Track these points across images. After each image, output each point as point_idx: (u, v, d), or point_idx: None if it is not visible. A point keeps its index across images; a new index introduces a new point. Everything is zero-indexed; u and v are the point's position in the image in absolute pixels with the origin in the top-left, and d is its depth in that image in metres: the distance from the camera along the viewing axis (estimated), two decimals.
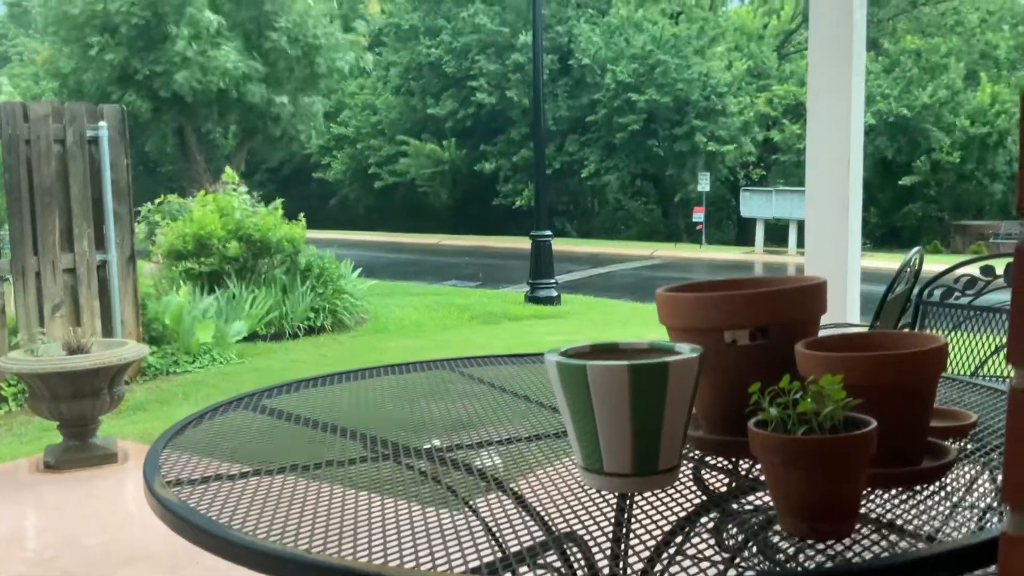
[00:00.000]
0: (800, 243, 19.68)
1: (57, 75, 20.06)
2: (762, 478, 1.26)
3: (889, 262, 17.48)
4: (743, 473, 1.38)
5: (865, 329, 2.86)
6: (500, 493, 1.33)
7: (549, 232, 12.26)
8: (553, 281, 12.10)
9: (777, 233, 21.44)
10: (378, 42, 31.17)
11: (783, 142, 24.14)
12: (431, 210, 30.43)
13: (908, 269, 2.59)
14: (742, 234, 24.65)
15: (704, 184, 21.16)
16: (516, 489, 1.34)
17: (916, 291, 2.67)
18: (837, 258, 4.21)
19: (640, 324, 9.61)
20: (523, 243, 20.40)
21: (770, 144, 24.81)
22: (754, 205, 20.34)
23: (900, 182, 22.44)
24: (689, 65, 23.38)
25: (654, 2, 24.95)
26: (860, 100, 4.04)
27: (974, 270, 2.48)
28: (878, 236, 23.27)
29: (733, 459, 1.41)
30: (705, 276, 17.09)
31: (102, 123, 6.51)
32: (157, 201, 10.62)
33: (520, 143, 26.40)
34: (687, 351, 1.23)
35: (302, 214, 9.99)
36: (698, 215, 21.16)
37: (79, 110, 6.50)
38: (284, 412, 1.83)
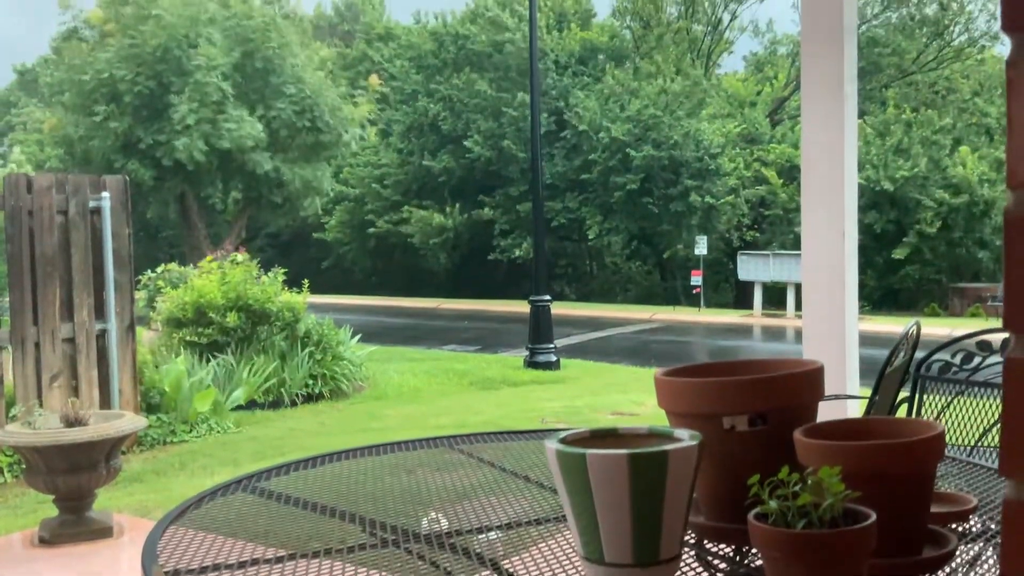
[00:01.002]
0: (799, 306, 19.73)
1: (63, 143, 20.33)
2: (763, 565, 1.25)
3: (887, 325, 17.48)
4: (744, 560, 1.37)
5: (864, 399, 2.85)
6: None
7: (548, 297, 12.30)
8: (552, 346, 12.09)
9: (775, 296, 21.51)
10: (381, 100, 31.71)
11: (777, 203, 24.37)
12: (430, 273, 30.55)
13: (906, 342, 2.60)
14: (740, 297, 24.71)
15: (701, 248, 21.29)
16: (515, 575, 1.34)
17: (914, 363, 2.68)
18: (835, 323, 4.22)
19: (639, 389, 9.58)
20: (522, 307, 20.44)
21: (764, 205, 25.05)
22: (752, 269, 20.44)
23: (894, 250, 22.60)
24: (682, 125, 23.74)
25: (649, 75, 25.43)
26: (853, 167, 4.10)
27: (971, 344, 2.49)
28: (876, 299, 23.33)
29: (734, 546, 1.40)
30: (704, 339, 17.14)
31: (105, 194, 6.59)
32: (158, 269, 10.67)
33: (518, 199, 26.67)
34: (686, 438, 1.23)
35: (306, 282, 10.04)
36: (696, 278, 21.25)
37: (82, 181, 6.58)
38: (283, 495, 1.82)
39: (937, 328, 17.40)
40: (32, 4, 76.56)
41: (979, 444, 2.64)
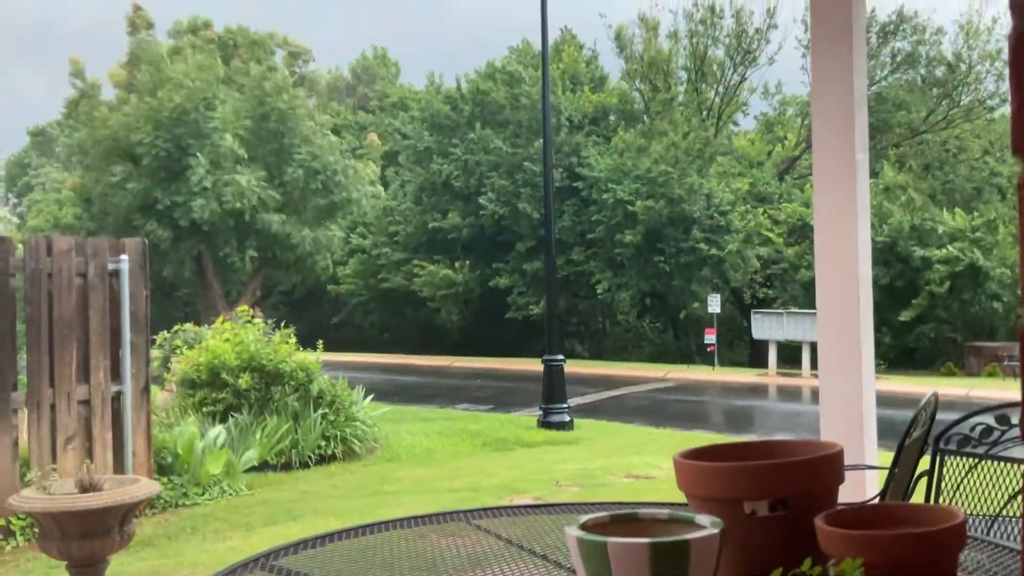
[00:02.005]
0: (815, 365, 19.61)
1: (81, 203, 20.65)
2: None
3: (904, 385, 17.33)
4: None
5: (883, 470, 2.83)
6: None
7: (561, 357, 12.28)
8: (565, 406, 12.03)
9: (790, 354, 21.40)
10: (393, 160, 32.12)
11: (789, 262, 24.38)
12: (442, 330, 30.57)
13: (923, 413, 2.59)
14: (755, 355, 24.57)
15: (714, 306, 21.27)
16: None
17: (933, 435, 2.66)
18: (852, 386, 4.20)
19: (655, 451, 9.49)
20: (534, 364, 20.39)
21: (775, 263, 25.06)
22: (766, 327, 20.38)
23: (905, 310, 22.50)
24: (690, 182, 23.90)
25: (659, 134, 25.67)
26: (866, 234, 4.11)
27: (990, 419, 2.48)
28: (892, 358, 23.15)
29: None
30: (719, 399, 17.01)
31: (124, 256, 6.67)
32: (173, 329, 10.73)
33: (528, 255, 26.78)
34: (708, 525, 1.23)
35: (320, 342, 10.06)
36: (709, 337, 21.18)
37: (102, 245, 6.67)
38: (299, 573, 1.82)
39: (954, 388, 17.24)
40: (47, 65, 78.42)
41: (1000, 515, 2.60)
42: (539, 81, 26.18)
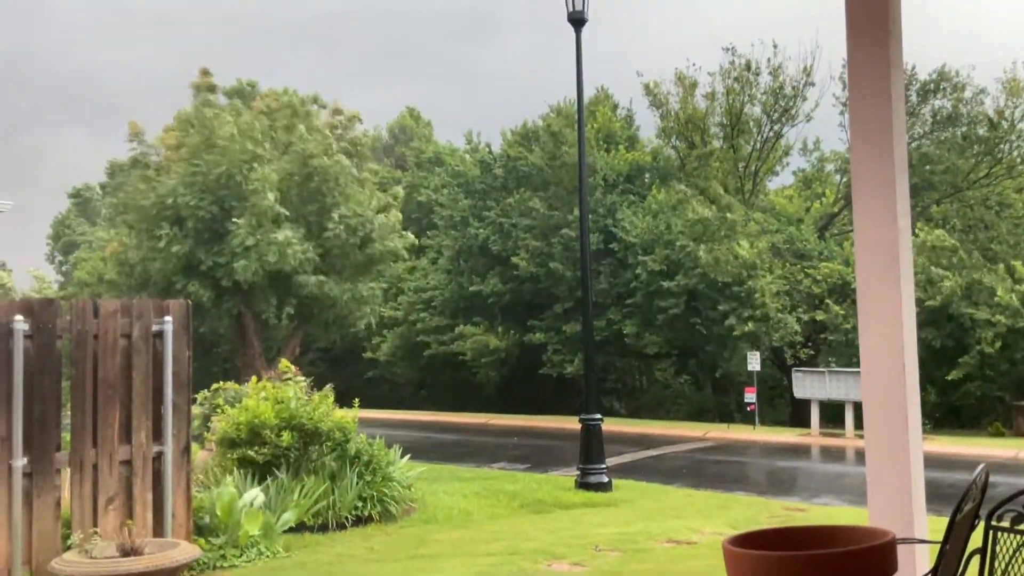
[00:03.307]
0: (858, 425, 19.21)
1: (125, 264, 21.08)
2: None
3: (951, 446, 16.91)
4: None
5: (935, 544, 2.75)
6: None
7: (599, 416, 12.17)
8: (604, 467, 11.89)
9: (833, 412, 21.01)
10: (431, 225, 32.45)
11: (829, 321, 24.05)
12: (478, 387, 30.52)
13: (975, 487, 2.52)
14: (796, 414, 24.17)
15: (754, 364, 20.99)
16: None
17: (985, 510, 2.59)
18: (898, 450, 4.10)
19: (696, 515, 9.33)
20: (571, 422, 20.21)
21: (817, 323, 24.74)
22: (807, 386, 20.05)
23: (953, 370, 22.06)
24: (725, 246, 23.79)
25: (692, 195, 25.68)
26: (910, 298, 4.05)
27: None
28: (937, 417, 22.64)
29: None
30: (761, 460, 16.71)
31: (168, 318, 6.77)
32: (213, 388, 10.84)
33: (566, 316, 26.75)
34: None
35: (356, 401, 10.10)
36: (749, 396, 20.87)
37: (146, 306, 6.79)
38: None
39: (1002, 450, 16.78)
40: (90, 125, 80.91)
41: None
42: (574, 141, 26.54)
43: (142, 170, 21.61)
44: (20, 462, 5.96)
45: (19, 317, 6.07)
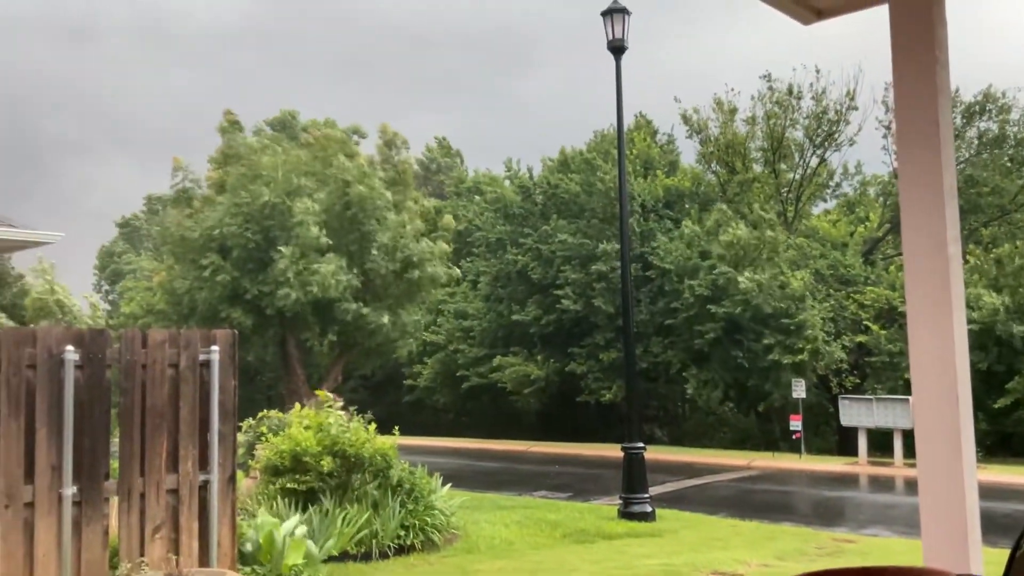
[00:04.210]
0: (907, 453, 18.79)
1: (172, 293, 21.45)
2: None
3: (1003, 475, 16.45)
4: None
5: None
6: None
7: (641, 444, 12.06)
8: (647, 496, 11.76)
9: (880, 440, 20.58)
10: (469, 252, 32.58)
11: (876, 347, 23.63)
12: (519, 414, 30.42)
13: None
14: (843, 442, 23.71)
15: (800, 391, 20.66)
16: None
17: None
18: (952, 485, 3.99)
19: (741, 545, 9.16)
20: (612, 450, 20.04)
21: (863, 349, 24.31)
22: (854, 414, 19.68)
23: (1002, 396, 21.51)
24: (766, 273, 23.51)
25: (732, 220, 25.47)
26: (962, 319, 3.96)
27: None
28: (988, 444, 22.06)
29: None
30: (808, 489, 16.40)
31: (214, 348, 6.85)
32: (258, 416, 10.93)
33: (606, 346, 26.60)
34: None
35: (396, 429, 10.12)
36: (795, 423, 20.51)
37: (194, 336, 6.88)
38: None
39: None
40: (138, 155, 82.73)
41: None
42: (611, 168, 26.54)
43: (186, 202, 22.03)
44: (70, 491, 6.04)
45: (70, 347, 6.18)
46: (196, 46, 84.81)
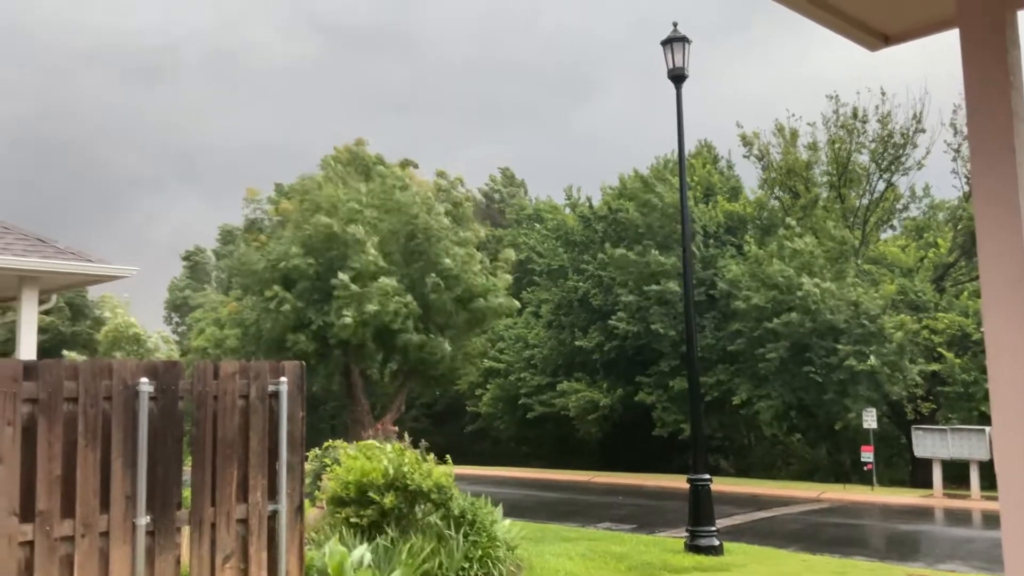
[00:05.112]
0: (984, 485, 18.14)
1: (241, 323, 21.92)
2: None
3: None
4: None
5: None
6: None
7: (708, 476, 11.86)
8: (714, 529, 11.54)
9: (955, 471, 19.92)
10: (530, 281, 32.66)
11: (949, 375, 22.94)
12: (581, 443, 30.21)
13: None
14: (917, 473, 23.01)
15: (870, 421, 20.13)
16: None
17: None
18: None
19: None
20: (676, 481, 19.76)
21: (936, 378, 23.62)
22: (928, 445, 19.09)
23: None
24: (835, 291, 23.05)
25: (797, 242, 25.06)
26: None
27: None
28: None
29: None
30: (881, 523, 15.92)
31: (283, 378, 6.97)
32: (324, 446, 11.05)
33: (670, 374, 26.31)
34: None
35: (448, 457, 10.13)
36: (867, 454, 19.97)
37: (263, 368, 7.01)
38: None
39: None
40: (205, 190, 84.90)
41: None
42: (671, 193, 26.39)
43: (256, 234, 22.57)
44: (143, 520, 6.17)
45: (144, 379, 6.34)
46: (267, 82, 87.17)
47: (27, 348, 11.57)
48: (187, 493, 6.61)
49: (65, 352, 30.25)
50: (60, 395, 5.95)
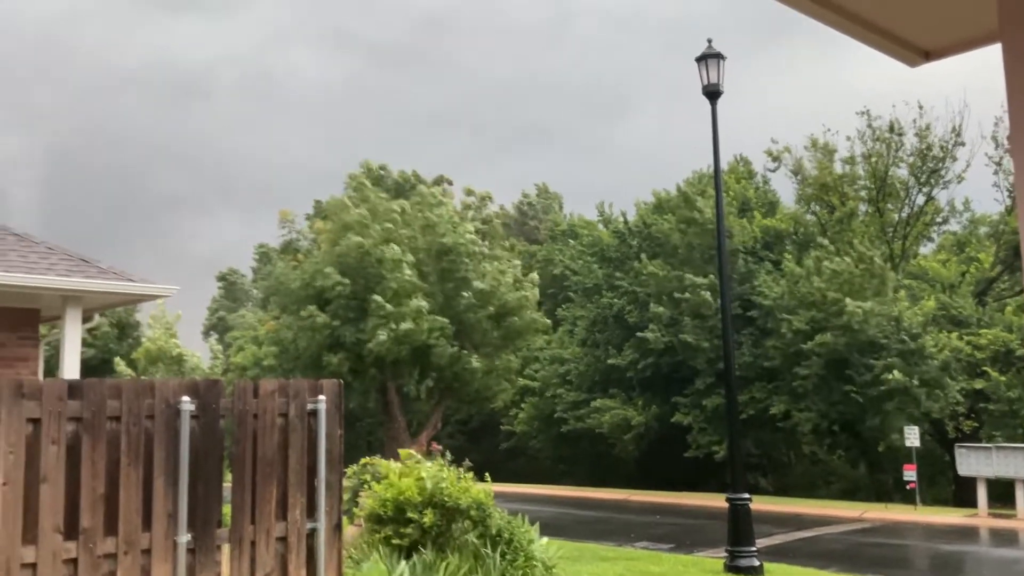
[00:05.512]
0: None
1: (279, 342, 22.13)
2: None
3: None
4: None
5: None
6: None
7: (747, 495, 11.72)
8: (754, 549, 11.39)
9: (1001, 490, 19.48)
10: (565, 297, 32.60)
11: (991, 390, 22.49)
12: (617, 461, 30.01)
13: None
14: (960, 493, 22.54)
15: (913, 439, 19.76)
16: None
17: None
18: None
19: None
20: (714, 500, 19.53)
21: (979, 395, 23.17)
22: (972, 463, 18.70)
23: None
24: (874, 307, 22.70)
25: (834, 258, 24.77)
26: None
27: None
28: None
29: None
30: (925, 543, 15.62)
31: (321, 397, 7.01)
32: (361, 463, 11.09)
33: (706, 392, 26.07)
34: None
35: (488, 476, 10.11)
36: (909, 473, 19.60)
37: (302, 386, 7.06)
38: None
39: None
40: (243, 210, 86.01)
41: None
42: (706, 208, 26.24)
43: (291, 254, 22.82)
44: (184, 538, 6.22)
45: (186, 398, 6.42)
46: (303, 101, 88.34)
47: (70, 366, 11.76)
48: (226, 510, 6.67)
49: (116, 365, 30.70)
50: (104, 414, 6.04)
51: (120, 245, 76.89)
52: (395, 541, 8.78)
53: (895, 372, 21.69)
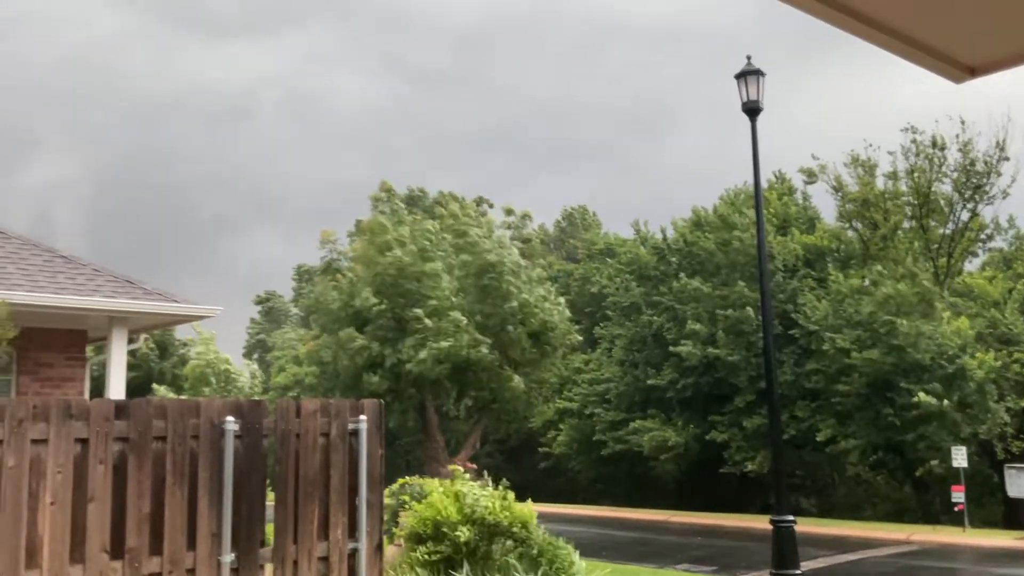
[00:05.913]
0: None
1: (319, 362, 22.29)
2: None
3: None
4: None
5: None
6: None
7: (791, 517, 11.53)
8: (799, 572, 11.19)
9: None
10: (603, 316, 32.46)
11: None
12: (657, 481, 29.73)
13: None
14: (1010, 514, 21.99)
15: (960, 459, 19.32)
16: None
17: None
18: None
19: None
20: (756, 521, 19.27)
21: None
22: (1022, 483, 18.25)
23: None
24: (917, 328, 22.27)
25: (877, 277, 24.40)
26: None
27: None
28: None
29: None
30: (975, 567, 15.24)
31: (362, 417, 7.05)
32: (400, 482, 11.11)
33: (748, 410, 25.74)
34: None
35: (529, 498, 10.07)
36: (957, 494, 19.15)
37: (343, 406, 7.10)
38: None
39: None
40: (288, 229, 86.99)
41: None
42: (746, 226, 26.03)
43: (332, 274, 23.01)
44: (228, 558, 6.27)
45: (230, 418, 6.48)
46: (343, 123, 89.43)
47: (116, 386, 11.96)
48: (269, 530, 6.71)
49: (155, 386, 31.16)
50: (149, 434, 6.12)
51: (164, 266, 78.23)
52: (431, 558, 8.76)
53: (921, 395, 21.22)
